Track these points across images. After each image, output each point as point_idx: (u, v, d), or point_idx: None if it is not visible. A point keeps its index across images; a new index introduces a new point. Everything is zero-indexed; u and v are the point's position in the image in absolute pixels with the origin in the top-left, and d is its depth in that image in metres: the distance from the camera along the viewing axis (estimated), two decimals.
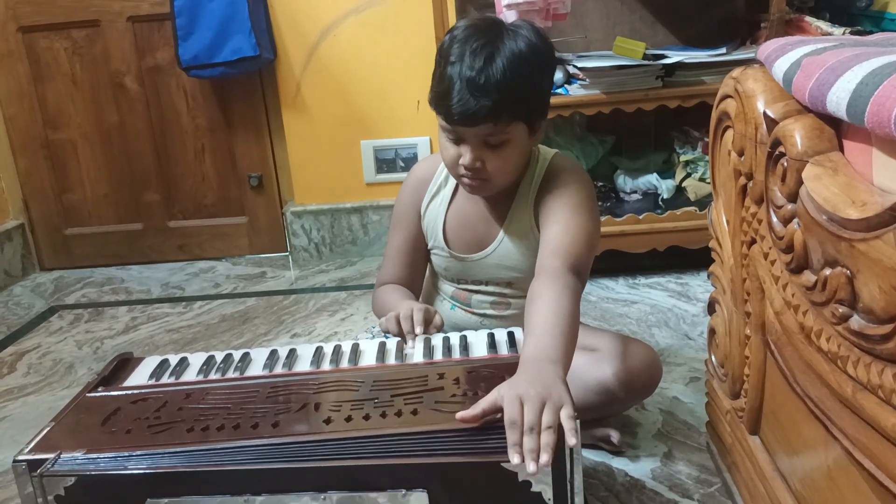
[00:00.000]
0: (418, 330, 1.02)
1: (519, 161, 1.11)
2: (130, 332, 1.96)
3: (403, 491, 0.77)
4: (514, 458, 0.73)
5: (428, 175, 1.24)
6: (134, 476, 0.78)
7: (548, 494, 0.76)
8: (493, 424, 0.78)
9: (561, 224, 1.08)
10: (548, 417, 0.75)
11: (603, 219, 1.92)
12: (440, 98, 1.04)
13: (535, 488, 0.75)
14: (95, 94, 2.37)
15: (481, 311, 1.22)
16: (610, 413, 1.25)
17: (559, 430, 0.74)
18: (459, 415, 0.77)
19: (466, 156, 1.05)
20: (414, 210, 1.24)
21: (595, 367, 1.16)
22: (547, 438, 0.73)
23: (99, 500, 0.80)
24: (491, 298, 1.22)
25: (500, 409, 0.77)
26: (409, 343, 1.02)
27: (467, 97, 1.00)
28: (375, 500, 0.77)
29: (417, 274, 1.26)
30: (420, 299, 1.32)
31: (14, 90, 2.37)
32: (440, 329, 1.06)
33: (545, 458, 0.72)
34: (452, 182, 1.21)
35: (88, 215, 2.49)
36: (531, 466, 0.72)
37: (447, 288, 1.25)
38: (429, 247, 1.25)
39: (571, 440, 0.74)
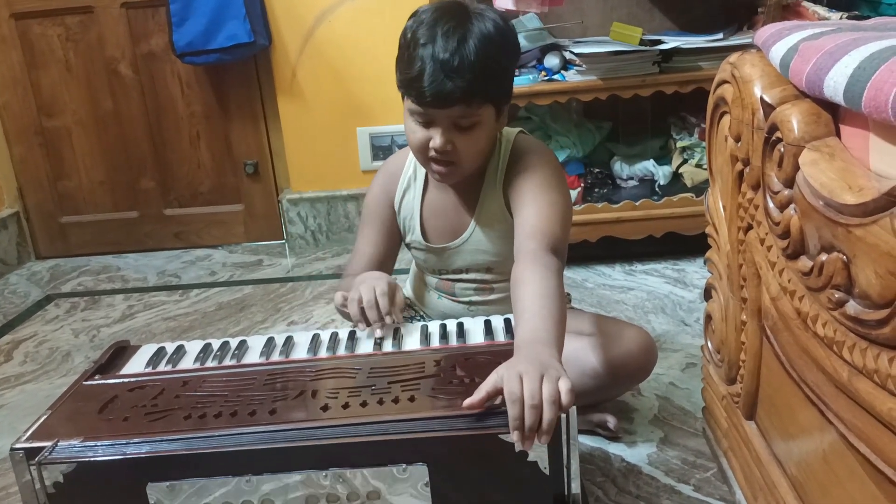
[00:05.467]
0: (388, 320, 1.01)
1: (487, 144, 1.11)
2: (127, 320, 1.96)
3: (404, 465, 0.77)
4: (515, 436, 0.75)
5: (397, 169, 1.24)
6: (133, 461, 0.79)
7: (544, 464, 0.77)
8: (490, 410, 0.79)
9: (533, 205, 1.08)
10: (548, 388, 0.75)
11: (599, 205, 1.93)
12: (412, 81, 1.03)
13: (531, 458, 0.76)
14: (90, 80, 2.36)
15: (466, 299, 1.23)
16: (606, 397, 1.26)
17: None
18: (466, 402, 0.78)
19: (437, 139, 1.05)
20: (387, 205, 1.23)
21: (590, 352, 1.16)
22: (549, 413, 0.74)
23: (97, 487, 0.80)
24: (473, 285, 1.22)
25: (502, 390, 0.77)
26: (378, 331, 1.01)
27: (441, 78, 1.00)
28: (377, 475, 0.78)
29: (386, 269, 1.23)
30: (411, 292, 1.31)
31: (8, 77, 2.35)
32: (403, 309, 1.05)
33: (545, 438, 0.74)
34: (422, 174, 1.21)
35: (84, 203, 2.48)
36: (526, 444, 0.74)
37: (431, 280, 1.26)
38: (406, 241, 1.24)
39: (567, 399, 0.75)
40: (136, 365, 1.00)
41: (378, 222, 1.24)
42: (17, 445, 0.81)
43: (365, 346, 0.99)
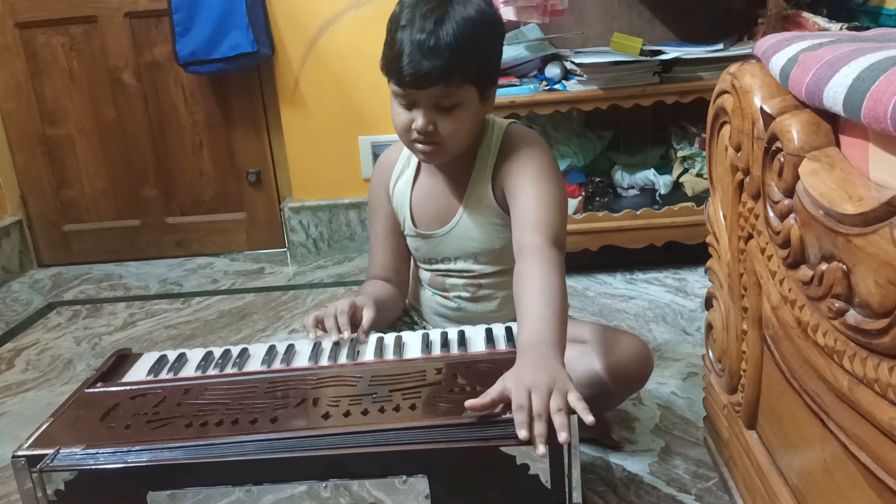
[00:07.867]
0: (345, 334, 1.03)
1: (471, 126, 1.10)
2: (128, 328, 1.96)
3: (404, 477, 0.77)
4: (522, 433, 0.74)
5: (392, 159, 1.26)
6: (134, 469, 0.79)
7: (545, 477, 0.76)
8: (491, 419, 0.78)
9: (531, 195, 1.08)
10: (557, 402, 0.76)
11: (600, 214, 1.93)
12: (391, 62, 1.04)
13: (532, 471, 0.76)
14: (93, 89, 2.37)
15: (455, 294, 1.23)
16: (604, 407, 1.25)
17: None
18: (468, 403, 0.77)
19: (419, 120, 1.05)
20: (384, 194, 1.25)
21: (585, 360, 1.15)
22: (561, 419, 0.74)
23: (99, 495, 0.80)
24: (462, 280, 1.21)
25: (508, 399, 0.77)
26: (334, 338, 1.03)
27: (418, 58, 1.01)
28: (377, 486, 0.77)
29: (403, 259, 1.26)
30: (409, 293, 1.32)
31: (12, 86, 2.36)
32: (367, 331, 1.05)
33: (564, 435, 0.73)
34: (415, 162, 1.22)
35: (86, 211, 2.49)
36: (541, 449, 0.73)
37: (425, 275, 1.26)
38: (402, 228, 1.25)
39: (588, 417, 0.75)
40: (137, 373, 1.00)
41: (382, 216, 1.25)
42: (19, 453, 0.81)
43: (366, 354, 0.99)
